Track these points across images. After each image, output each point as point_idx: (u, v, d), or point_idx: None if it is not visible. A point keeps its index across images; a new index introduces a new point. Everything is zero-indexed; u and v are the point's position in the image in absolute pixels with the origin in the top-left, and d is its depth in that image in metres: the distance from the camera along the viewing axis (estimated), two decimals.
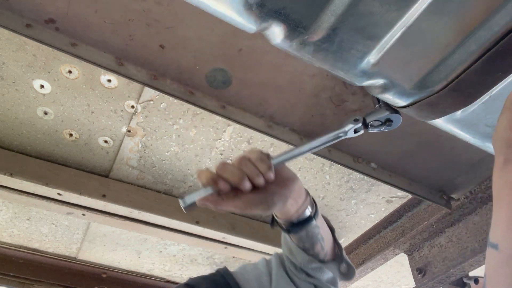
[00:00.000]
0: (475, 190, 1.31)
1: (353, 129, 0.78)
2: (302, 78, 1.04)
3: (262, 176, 0.69)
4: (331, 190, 1.62)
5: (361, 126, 0.78)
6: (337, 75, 0.65)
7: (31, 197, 1.43)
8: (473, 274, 1.54)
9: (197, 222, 1.59)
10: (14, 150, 1.42)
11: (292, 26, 0.56)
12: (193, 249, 1.97)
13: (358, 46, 0.59)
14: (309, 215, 0.82)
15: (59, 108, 1.30)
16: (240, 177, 0.67)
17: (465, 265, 1.40)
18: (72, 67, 1.18)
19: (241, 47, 0.97)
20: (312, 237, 0.84)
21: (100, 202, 1.46)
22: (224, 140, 1.41)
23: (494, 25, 0.55)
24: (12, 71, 1.19)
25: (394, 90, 0.66)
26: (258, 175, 0.68)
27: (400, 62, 0.61)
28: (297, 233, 0.83)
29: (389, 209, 1.69)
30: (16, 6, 0.88)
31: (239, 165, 0.69)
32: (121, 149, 1.43)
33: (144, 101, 1.28)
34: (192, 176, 1.54)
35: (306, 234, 0.83)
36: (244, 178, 0.67)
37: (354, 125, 0.78)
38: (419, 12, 0.54)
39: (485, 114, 0.68)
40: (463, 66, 0.60)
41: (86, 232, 1.86)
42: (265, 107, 1.11)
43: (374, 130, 0.80)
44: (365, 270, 1.80)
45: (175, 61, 1.00)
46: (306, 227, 0.82)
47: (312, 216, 0.83)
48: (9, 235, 1.88)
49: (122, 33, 0.94)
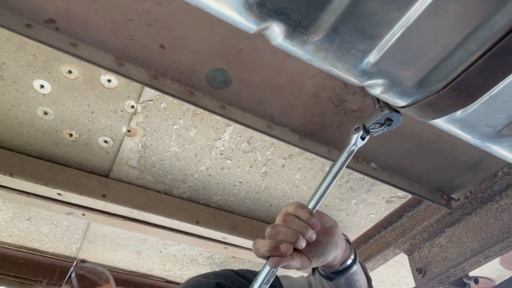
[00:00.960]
0: (475, 190, 1.31)
1: (360, 137, 0.80)
2: (302, 78, 1.04)
3: (310, 228, 0.70)
4: (331, 190, 1.61)
5: (364, 133, 0.80)
6: (337, 75, 0.65)
7: (31, 197, 1.43)
8: (473, 274, 1.54)
9: (197, 222, 1.59)
10: (14, 150, 1.42)
11: (292, 26, 0.56)
12: (193, 249, 1.97)
13: (358, 46, 0.59)
14: (351, 262, 0.83)
15: (59, 108, 1.30)
16: (296, 236, 0.68)
17: (465, 265, 1.40)
18: (72, 67, 1.18)
19: (241, 47, 0.97)
20: (351, 284, 0.84)
21: (100, 202, 1.46)
22: (224, 140, 1.41)
23: (494, 25, 0.55)
24: (12, 71, 1.19)
25: (394, 90, 0.66)
26: (307, 228, 0.69)
27: (400, 62, 0.61)
28: (339, 279, 0.83)
29: (389, 209, 1.69)
30: (16, 6, 0.88)
31: (288, 224, 0.70)
32: (121, 149, 1.43)
33: (144, 101, 1.28)
34: (192, 176, 1.54)
35: (345, 280, 0.83)
36: (299, 236, 0.68)
37: (357, 134, 0.80)
38: (419, 12, 0.54)
39: (485, 114, 0.68)
40: (463, 66, 0.60)
41: (86, 232, 1.86)
42: (265, 107, 1.11)
43: (378, 133, 0.81)
44: None
45: (175, 61, 1.00)
46: (347, 273, 0.83)
47: (354, 262, 0.83)
48: (9, 235, 1.88)
49: (122, 33, 0.94)
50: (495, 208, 1.31)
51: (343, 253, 0.81)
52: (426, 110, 0.68)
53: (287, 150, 1.44)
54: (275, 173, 1.53)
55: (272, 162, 1.49)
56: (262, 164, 1.50)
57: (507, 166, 1.21)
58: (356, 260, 0.84)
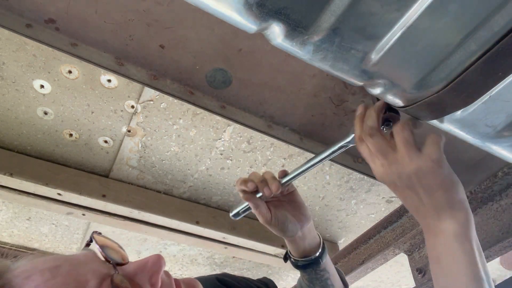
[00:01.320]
0: (475, 190, 1.31)
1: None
2: (302, 78, 1.04)
3: (268, 186, 0.83)
4: (331, 190, 1.62)
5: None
6: (337, 75, 0.65)
7: (31, 197, 1.43)
8: None
9: (197, 222, 1.59)
10: (14, 150, 1.41)
11: (292, 26, 0.56)
12: (193, 249, 1.98)
13: (358, 46, 0.59)
14: (317, 256, 0.89)
15: (59, 108, 1.30)
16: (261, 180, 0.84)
17: None
18: (72, 67, 1.18)
19: (241, 47, 0.97)
20: (322, 280, 0.89)
21: (100, 202, 1.46)
22: (224, 140, 1.41)
23: (494, 25, 0.54)
24: (12, 71, 1.19)
25: (394, 90, 0.66)
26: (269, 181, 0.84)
27: (400, 62, 0.61)
28: (305, 270, 0.90)
29: (389, 209, 1.69)
30: (16, 6, 0.88)
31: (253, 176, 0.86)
32: (121, 149, 1.43)
33: (144, 101, 1.28)
34: (192, 176, 1.54)
35: (315, 276, 0.89)
36: (251, 184, 0.84)
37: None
38: (419, 12, 0.54)
39: (485, 114, 0.68)
40: (463, 66, 0.60)
41: (86, 232, 1.86)
42: (265, 107, 1.11)
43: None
44: (365, 270, 1.79)
45: (175, 61, 1.00)
46: (314, 267, 0.89)
47: (319, 257, 0.89)
48: (9, 235, 1.88)
49: (122, 33, 0.94)
50: (495, 208, 1.31)
51: (311, 243, 0.89)
52: (426, 110, 0.68)
53: (287, 150, 1.44)
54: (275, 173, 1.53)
55: (272, 162, 1.49)
56: (262, 164, 1.50)
57: (507, 166, 1.20)
58: (323, 258, 0.89)
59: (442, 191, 0.64)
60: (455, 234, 0.61)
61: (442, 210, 0.64)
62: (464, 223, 0.62)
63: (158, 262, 0.53)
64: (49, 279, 0.47)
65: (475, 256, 0.60)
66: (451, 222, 0.62)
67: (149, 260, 0.54)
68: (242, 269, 2.19)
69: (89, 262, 0.51)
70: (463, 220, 0.63)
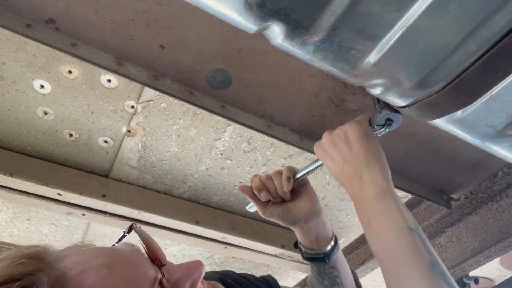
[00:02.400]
0: (475, 190, 1.31)
1: None
2: (302, 78, 1.04)
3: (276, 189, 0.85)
4: (331, 190, 1.62)
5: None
6: (337, 75, 0.65)
7: (31, 197, 1.43)
8: (473, 274, 1.54)
9: (197, 222, 1.59)
10: (14, 150, 1.42)
11: (292, 26, 0.56)
12: (193, 249, 1.97)
13: (358, 46, 0.59)
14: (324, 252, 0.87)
15: (59, 108, 1.30)
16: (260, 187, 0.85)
17: (465, 265, 1.40)
18: (72, 67, 1.18)
19: (241, 47, 0.97)
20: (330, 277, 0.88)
21: (100, 202, 1.46)
22: (224, 140, 1.41)
23: (494, 25, 0.54)
24: (12, 71, 1.19)
25: (394, 90, 0.66)
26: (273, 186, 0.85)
27: (400, 62, 0.61)
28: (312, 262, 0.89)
29: None
30: (16, 6, 0.88)
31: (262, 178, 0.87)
32: (121, 149, 1.43)
33: (144, 101, 1.28)
34: (192, 176, 1.54)
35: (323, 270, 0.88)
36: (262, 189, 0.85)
37: None
38: (419, 12, 0.54)
39: (485, 114, 0.68)
40: (463, 66, 0.60)
41: (86, 232, 1.86)
42: (265, 107, 1.11)
43: (381, 134, 0.81)
44: (365, 270, 1.80)
45: (175, 61, 1.00)
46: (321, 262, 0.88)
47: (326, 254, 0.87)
48: (9, 235, 1.88)
49: (122, 33, 0.94)
50: (495, 208, 1.31)
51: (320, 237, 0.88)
52: (426, 110, 0.68)
53: (287, 150, 1.44)
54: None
55: (272, 162, 1.49)
56: (262, 164, 1.50)
57: (507, 166, 1.21)
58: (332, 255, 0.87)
59: (359, 146, 0.72)
60: (377, 193, 0.67)
61: (361, 169, 0.70)
62: (382, 183, 0.68)
63: (199, 269, 0.53)
64: (105, 277, 0.44)
65: (400, 210, 0.65)
66: (370, 184, 0.68)
67: (191, 266, 0.53)
68: (242, 269, 2.19)
69: (139, 263, 0.49)
70: (380, 179, 0.68)
